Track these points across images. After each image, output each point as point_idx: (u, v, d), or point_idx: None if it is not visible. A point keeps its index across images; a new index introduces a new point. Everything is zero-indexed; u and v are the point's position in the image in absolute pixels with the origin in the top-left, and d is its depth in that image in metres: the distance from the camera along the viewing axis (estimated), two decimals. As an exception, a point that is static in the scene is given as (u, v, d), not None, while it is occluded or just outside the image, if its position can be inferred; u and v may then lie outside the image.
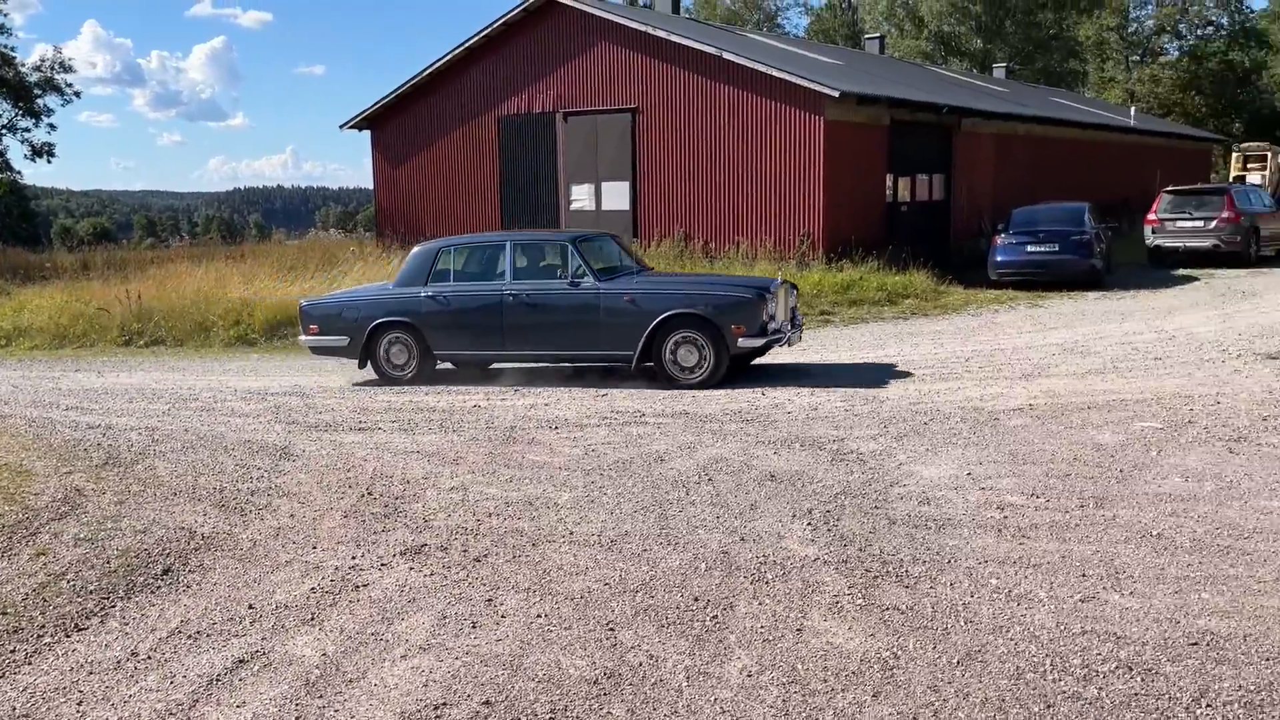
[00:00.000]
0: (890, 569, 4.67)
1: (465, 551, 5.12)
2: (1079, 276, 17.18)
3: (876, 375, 9.78)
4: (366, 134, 23.94)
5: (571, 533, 5.33)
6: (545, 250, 10.63)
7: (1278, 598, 4.18)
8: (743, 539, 5.13)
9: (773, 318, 9.65)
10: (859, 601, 4.31)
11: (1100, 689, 3.50)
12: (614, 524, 5.44)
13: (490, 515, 5.68)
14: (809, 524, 5.32)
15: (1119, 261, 20.07)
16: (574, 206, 22.32)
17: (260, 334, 14.86)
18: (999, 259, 17.66)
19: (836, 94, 18.26)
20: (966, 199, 23.46)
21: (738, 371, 9.96)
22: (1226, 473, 6.02)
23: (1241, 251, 19.62)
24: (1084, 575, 4.51)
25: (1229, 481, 5.84)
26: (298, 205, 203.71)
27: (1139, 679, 3.55)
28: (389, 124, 23.56)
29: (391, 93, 23.13)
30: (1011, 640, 3.89)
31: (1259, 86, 64.41)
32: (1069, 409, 7.91)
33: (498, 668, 3.83)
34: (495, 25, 21.97)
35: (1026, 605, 4.21)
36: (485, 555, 5.05)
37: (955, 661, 3.74)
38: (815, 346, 12.00)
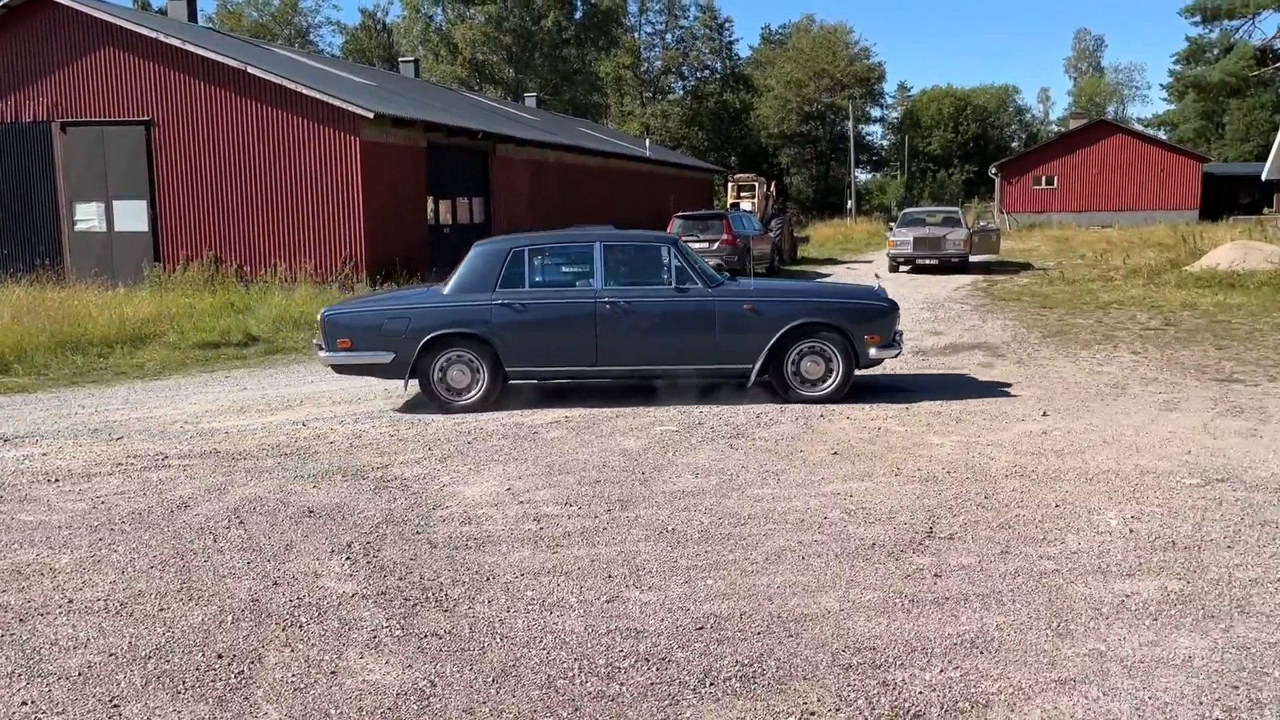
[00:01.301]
0: (430, 594, 4.65)
1: (-72, 641, 4.29)
2: (608, 294, 18.50)
3: (424, 397, 9.76)
4: None
5: (71, 600, 4.69)
6: (640, 252, 9.56)
7: (767, 576, 4.76)
8: (276, 583, 4.83)
9: (899, 329, 9.42)
10: (398, 633, 4.24)
11: (622, 684, 3.74)
12: (125, 585, 4.87)
13: (-35, 593, 4.82)
14: (348, 558, 5.15)
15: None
16: (79, 227, 19.93)
17: None
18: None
19: (371, 115, 18.08)
20: (506, 221, 24.34)
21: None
22: (728, 467, 6.77)
23: (740, 269, 22.35)
24: (610, 576, 4.81)
25: (730, 474, 6.57)
26: None
27: (654, 668, 3.84)
28: None
29: None
30: (544, 650, 4.04)
31: (748, 124, 73.88)
32: (601, 419, 8.45)
33: (-32, 776, 3.24)
34: (-34, 18, 19.03)
35: (559, 613, 4.40)
36: (-44, 642, 4.27)
37: (491, 680, 3.80)
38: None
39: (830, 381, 9.01)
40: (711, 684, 3.71)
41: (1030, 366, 10.81)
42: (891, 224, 27.40)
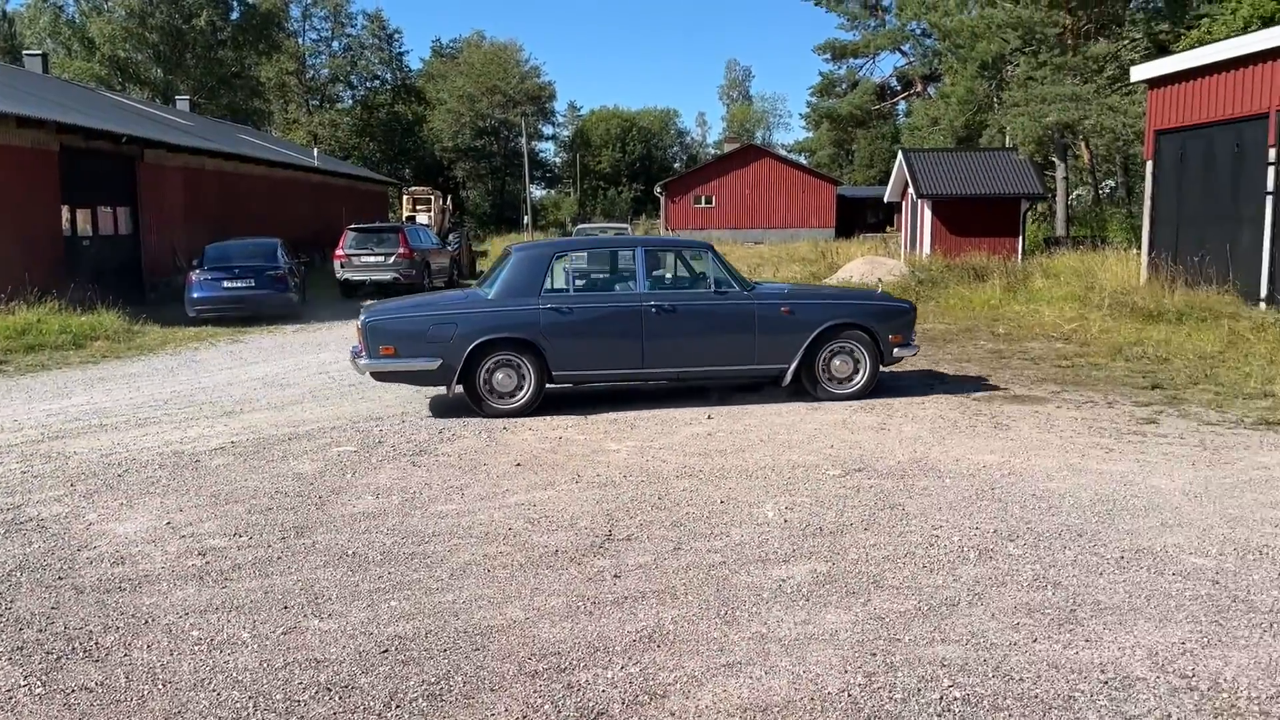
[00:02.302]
0: (78, 645, 4.20)
1: None
2: (277, 310, 17.61)
3: (59, 426, 8.78)
4: None
5: None
6: (678, 257, 9.93)
7: (453, 592, 4.74)
8: (-122, 651, 4.16)
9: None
10: (38, 691, 3.80)
11: (302, 717, 3.57)
12: None
13: None
14: (-27, 614, 4.54)
15: (314, 294, 21.05)
16: None
17: None
18: (196, 295, 17.25)
19: (-12, 113, 16.03)
20: (157, 233, 22.44)
21: None
22: (411, 485, 6.66)
23: (418, 283, 22.05)
24: (286, 607, 4.59)
25: (413, 492, 6.47)
26: None
27: (337, 697, 3.71)
28: None
29: None
30: (214, 691, 3.78)
31: (422, 137, 73.00)
32: (272, 442, 8.02)
33: None
34: None
35: (230, 651, 4.13)
36: None
37: (154, 730, 3.50)
38: (-19, 403, 10.34)
39: (859, 379, 9.51)
40: (398, 706, 3.64)
41: (696, 373, 11.50)
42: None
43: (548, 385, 9.14)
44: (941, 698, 3.63)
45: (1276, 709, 3.51)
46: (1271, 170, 14.96)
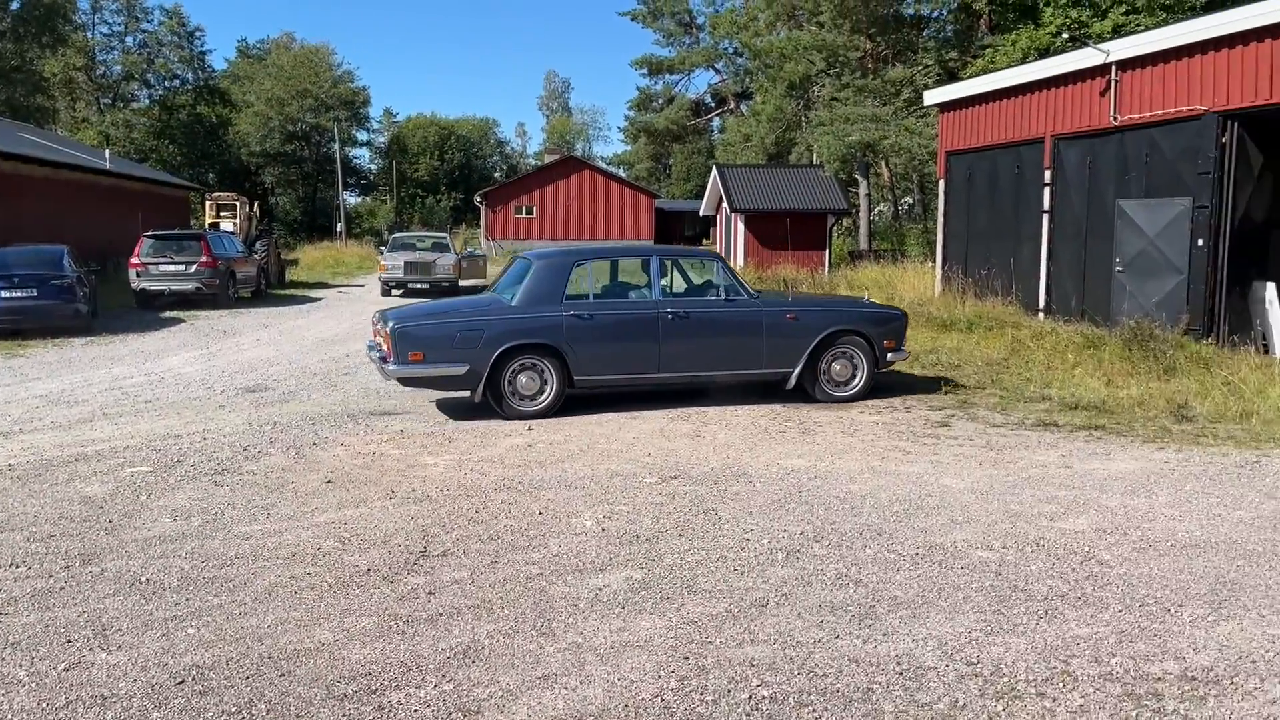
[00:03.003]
0: None
1: None
2: (64, 322, 16.38)
3: None
4: None
5: None
6: (690, 265, 10.40)
7: (257, 617, 4.54)
8: None
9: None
10: None
11: (87, 759, 3.34)
12: None
13: None
14: None
15: (106, 305, 19.71)
16: None
17: None
18: (-30, 306, 15.81)
19: None
20: (-78, 238, 20.48)
21: None
22: (212, 505, 6.33)
23: (220, 294, 21.00)
24: (69, 641, 4.27)
25: (214, 513, 6.15)
26: None
27: (127, 735, 3.49)
28: None
29: None
30: (-15, 737, 3.48)
31: (227, 140, 69.69)
32: (56, 464, 7.46)
33: None
34: None
35: (3, 691, 3.81)
36: None
37: (-88, 785, 3.19)
38: None
39: (856, 382, 10.12)
40: (195, 741, 3.45)
41: (516, 385, 11.45)
42: (383, 248, 27.45)
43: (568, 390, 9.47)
44: (750, 697, 3.74)
45: (1050, 689, 3.80)
46: (1047, 191, 16.24)
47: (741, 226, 29.06)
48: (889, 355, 10.27)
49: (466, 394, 9.44)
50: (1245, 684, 3.82)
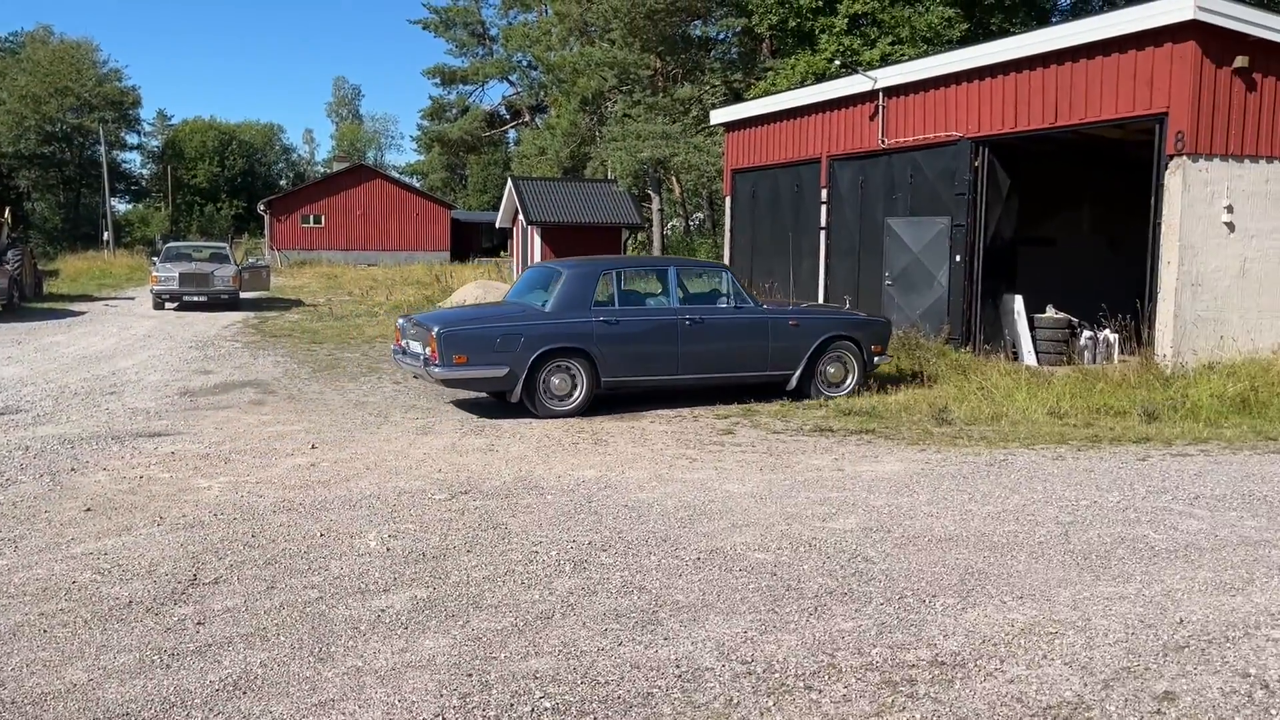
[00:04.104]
0: None
1: None
2: None
3: None
4: None
5: None
6: (702, 276, 11.61)
7: (-2, 659, 4.17)
8: None
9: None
10: None
11: None
12: None
13: None
14: None
15: None
16: None
17: None
18: None
19: None
20: None
21: None
22: (-51, 541, 5.76)
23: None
24: None
25: (-49, 550, 5.60)
26: None
27: None
28: None
29: None
30: None
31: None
32: None
33: None
34: None
35: None
36: None
37: None
38: None
39: (849, 383, 11.09)
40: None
41: (301, 401, 11.04)
42: (155, 259, 25.76)
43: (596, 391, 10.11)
44: (533, 709, 3.76)
45: (817, 682, 4.01)
46: (824, 209, 17.17)
47: (538, 239, 29.14)
48: (875, 359, 11.32)
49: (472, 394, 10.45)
50: (988, 666, 4.16)
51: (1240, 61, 11.48)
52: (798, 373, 10.89)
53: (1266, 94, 11.82)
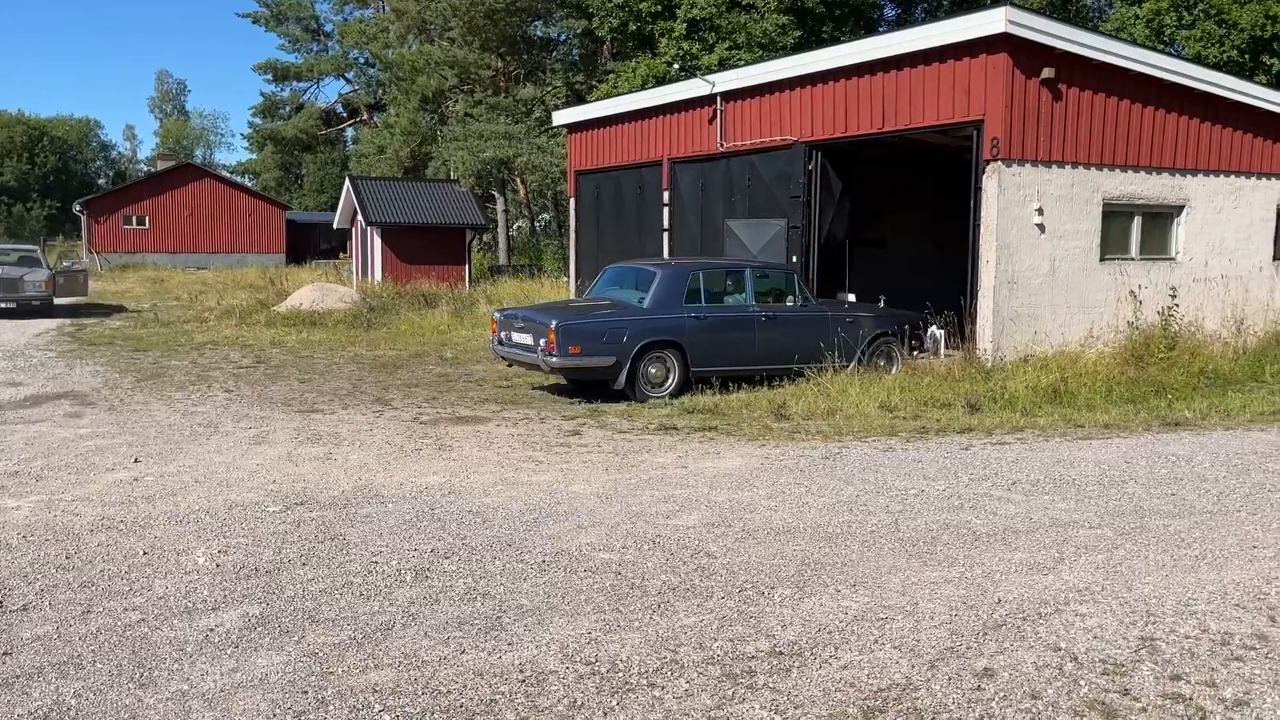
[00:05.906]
0: None
1: None
2: None
3: None
4: None
5: None
6: (772, 277, 12.56)
7: None
8: None
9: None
10: None
11: None
12: None
13: None
14: None
15: None
16: None
17: None
18: None
19: None
20: None
21: None
22: None
23: None
24: None
25: None
26: None
27: None
28: None
29: None
30: None
31: None
32: None
33: None
34: None
35: None
36: None
37: None
38: None
39: (894, 369, 12.24)
40: None
41: (123, 413, 10.42)
42: (-45, 263, 23.81)
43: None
44: (372, 724, 3.66)
45: (660, 679, 4.06)
46: (666, 211, 17.40)
47: (379, 240, 28.43)
48: (914, 351, 12.86)
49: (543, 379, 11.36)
50: (823, 653, 4.31)
51: (1047, 73, 12.26)
52: (854, 363, 12.16)
53: (1071, 103, 12.66)
